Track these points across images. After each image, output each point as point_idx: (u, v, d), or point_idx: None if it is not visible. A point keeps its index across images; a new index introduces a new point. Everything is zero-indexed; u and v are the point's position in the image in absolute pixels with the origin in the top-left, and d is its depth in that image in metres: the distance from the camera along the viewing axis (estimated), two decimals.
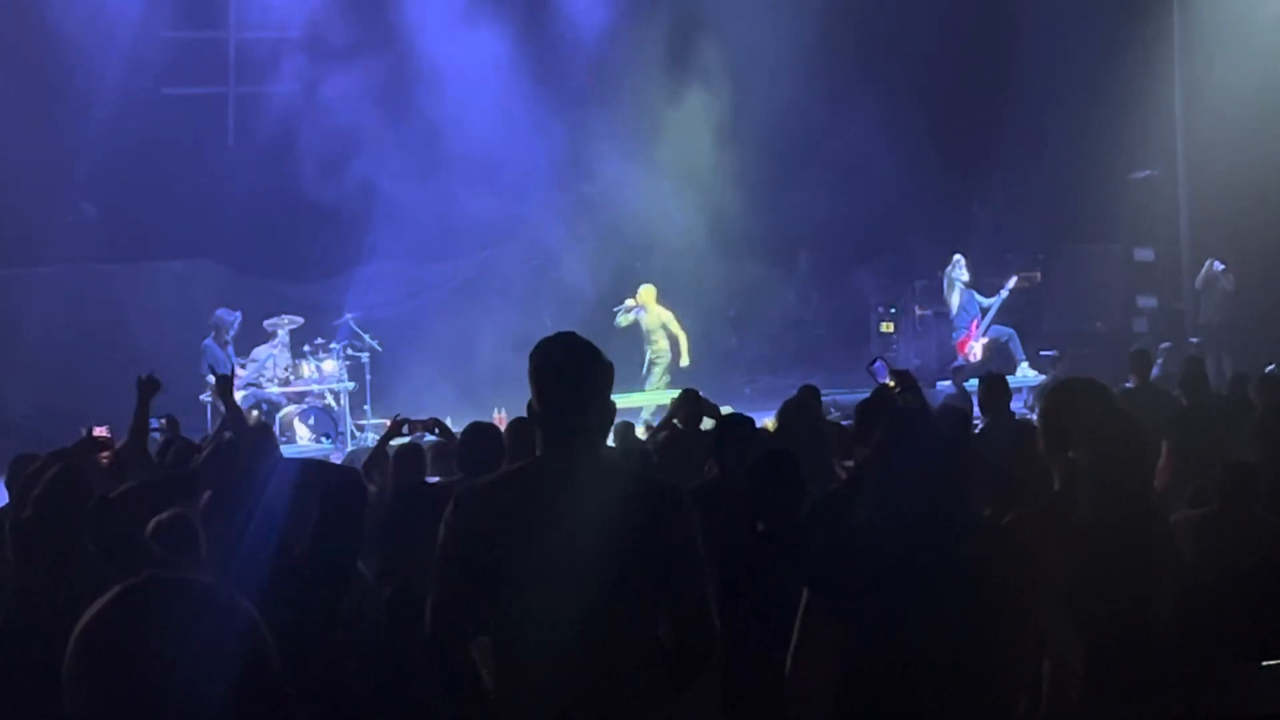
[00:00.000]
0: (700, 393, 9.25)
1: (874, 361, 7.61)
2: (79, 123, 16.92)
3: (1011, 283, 18.95)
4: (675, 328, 17.03)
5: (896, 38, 19.35)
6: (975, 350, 18.65)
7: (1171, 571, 4.68)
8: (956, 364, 16.74)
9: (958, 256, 19.01)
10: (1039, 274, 21.45)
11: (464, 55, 17.63)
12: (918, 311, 20.66)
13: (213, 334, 15.43)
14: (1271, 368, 13.72)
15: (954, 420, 7.90)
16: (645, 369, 16.89)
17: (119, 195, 17.74)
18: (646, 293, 17.03)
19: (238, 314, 15.61)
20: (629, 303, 17.00)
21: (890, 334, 21.11)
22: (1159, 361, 13.62)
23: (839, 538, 4.06)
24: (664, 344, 16.95)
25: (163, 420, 8.06)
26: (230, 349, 15.54)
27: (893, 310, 20.71)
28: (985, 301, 18.97)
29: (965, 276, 18.95)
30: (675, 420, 9.05)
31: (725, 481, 6.32)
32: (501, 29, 17.90)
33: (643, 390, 16.70)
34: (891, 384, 7.09)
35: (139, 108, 17.36)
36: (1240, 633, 5.45)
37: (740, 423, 6.90)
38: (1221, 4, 19.01)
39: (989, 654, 3.79)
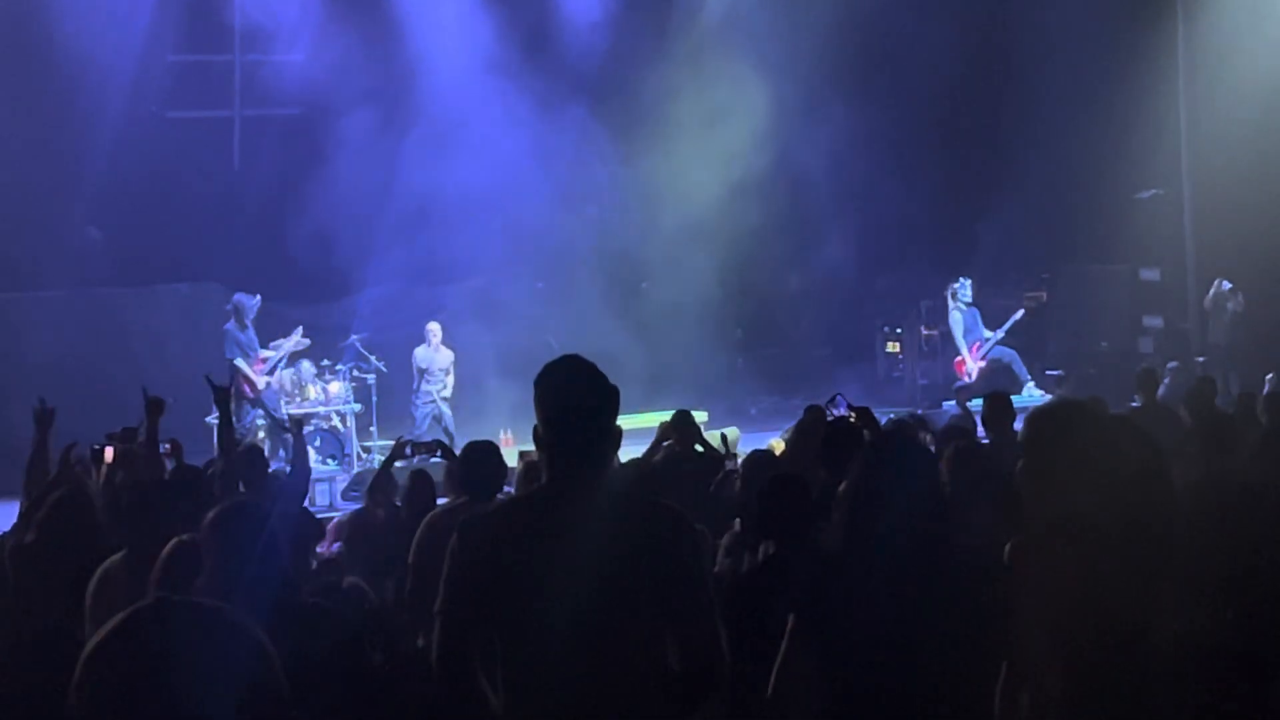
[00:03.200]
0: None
1: (833, 397, 7.65)
2: (84, 146, 16.95)
3: (1019, 315, 18.85)
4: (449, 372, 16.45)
5: (900, 58, 19.37)
6: (972, 371, 18.56)
7: (1172, 588, 4.67)
8: (960, 384, 16.73)
9: (966, 280, 18.93)
10: (1044, 294, 21.47)
11: (470, 78, 17.68)
12: (923, 331, 20.66)
13: (233, 319, 15.35)
14: (1271, 376, 13.69)
15: (958, 440, 7.83)
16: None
17: (125, 218, 17.76)
18: (435, 331, 16.49)
19: (257, 298, 15.42)
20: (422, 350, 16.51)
21: (896, 354, 21.11)
22: (1165, 381, 13.59)
23: (818, 564, 4.09)
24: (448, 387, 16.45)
25: (167, 445, 8.02)
26: (251, 332, 15.39)
27: (898, 330, 20.70)
28: (988, 334, 18.89)
29: (968, 297, 18.87)
30: (670, 442, 9.01)
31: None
32: (507, 53, 17.95)
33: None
34: (852, 417, 7.13)
35: (145, 131, 17.39)
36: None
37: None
38: (1226, 23, 19.02)
39: (966, 680, 3.82)
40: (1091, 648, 4.17)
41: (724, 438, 11.64)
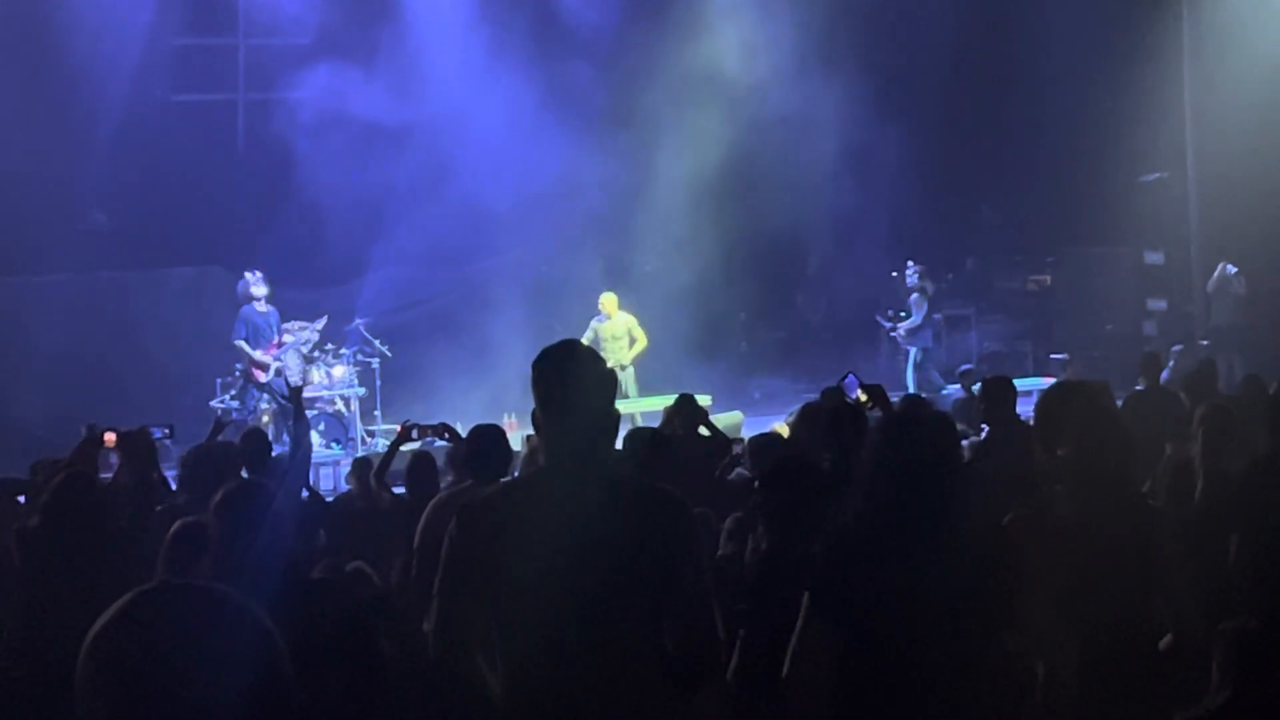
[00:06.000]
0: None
1: (845, 377, 7.60)
2: (89, 130, 16.92)
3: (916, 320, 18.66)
4: (639, 332, 16.69)
5: (905, 40, 19.34)
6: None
7: (1168, 574, 4.67)
8: (964, 368, 16.70)
9: (914, 266, 18.78)
10: (1049, 277, 21.47)
11: (472, 62, 17.65)
12: None
13: (249, 301, 15.23)
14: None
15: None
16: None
17: (129, 202, 17.76)
18: (609, 301, 16.80)
19: (257, 274, 15.24)
20: (595, 321, 16.78)
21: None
22: (1170, 364, 13.59)
23: (835, 540, 4.08)
24: (627, 352, 16.65)
25: (166, 430, 7.98)
26: (273, 315, 15.27)
27: (902, 314, 20.69)
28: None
29: (912, 283, 18.70)
30: (673, 425, 9.02)
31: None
32: (509, 38, 17.91)
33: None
34: (864, 399, 7.10)
35: (149, 114, 17.37)
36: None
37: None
38: (1231, 6, 18.99)
39: (982, 655, 3.81)
40: (1093, 634, 4.18)
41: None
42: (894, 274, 21.51)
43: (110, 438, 7.32)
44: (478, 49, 17.68)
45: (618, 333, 16.51)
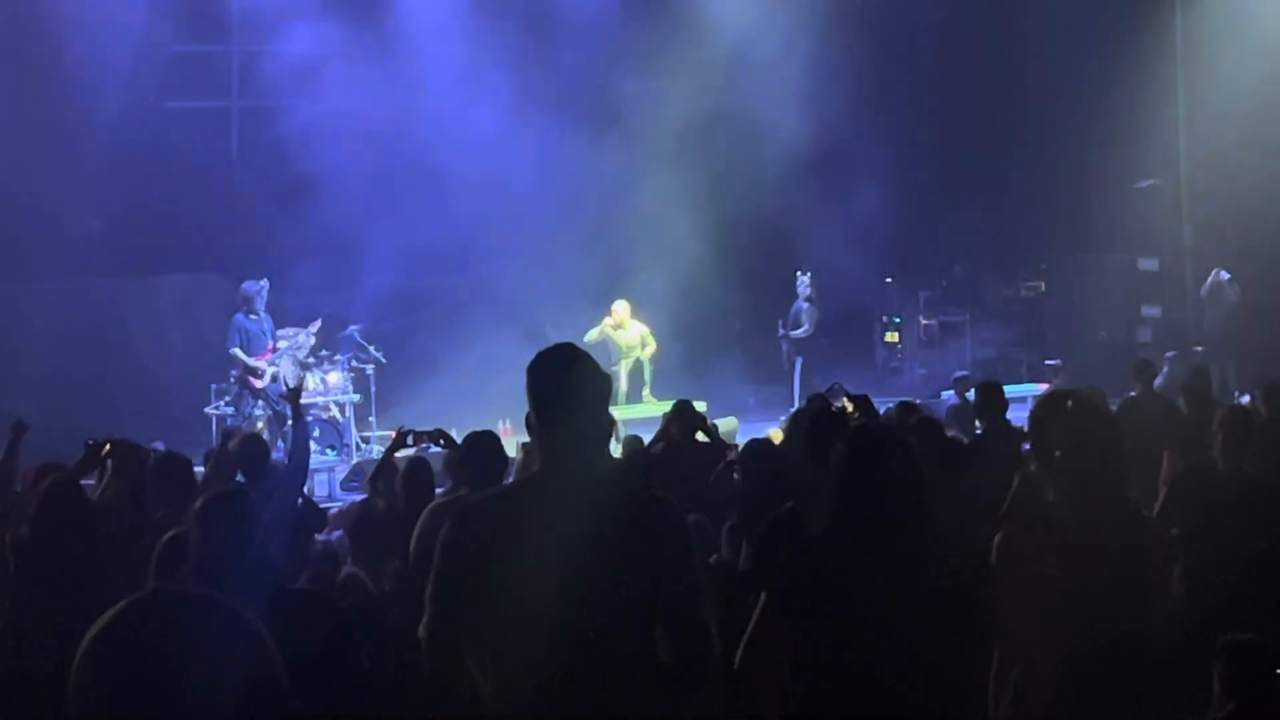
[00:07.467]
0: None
1: (831, 386, 7.64)
2: (83, 136, 16.90)
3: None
4: (651, 339, 17.04)
5: (897, 47, 19.36)
6: None
7: (1160, 584, 4.66)
8: (958, 374, 16.71)
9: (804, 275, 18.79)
10: (1042, 284, 21.48)
11: (467, 68, 17.66)
12: (922, 321, 20.66)
13: (243, 308, 15.19)
14: None
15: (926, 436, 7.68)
16: (627, 383, 16.80)
17: (123, 209, 17.72)
18: (622, 308, 16.96)
19: (263, 282, 15.24)
20: (607, 321, 16.96)
21: (895, 344, 21.11)
22: (1164, 370, 13.59)
23: (798, 547, 4.09)
24: (646, 356, 16.93)
25: (152, 452, 7.89)
26: (266, 321, 15.24)
27: (897, 320, 20.71)
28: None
29: (805, 292, 18.74)
30: (671, 432, 9.04)
31: None
32: (504, 44, 17.92)
33: (641, 403, 16.64)
34: (850, 408, 7.11)
35: (143, 121, 17.38)
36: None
37: None
38: (1224, 13, 19.02)
39: (941, 664, 3.82)
40: (1083, 643, 4.17)
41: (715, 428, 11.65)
42: (888, 280, 21.57)
43: (106, 446, 7.30)
44: (474, 56, 17.69)
45: (633, 341, 16.73)
